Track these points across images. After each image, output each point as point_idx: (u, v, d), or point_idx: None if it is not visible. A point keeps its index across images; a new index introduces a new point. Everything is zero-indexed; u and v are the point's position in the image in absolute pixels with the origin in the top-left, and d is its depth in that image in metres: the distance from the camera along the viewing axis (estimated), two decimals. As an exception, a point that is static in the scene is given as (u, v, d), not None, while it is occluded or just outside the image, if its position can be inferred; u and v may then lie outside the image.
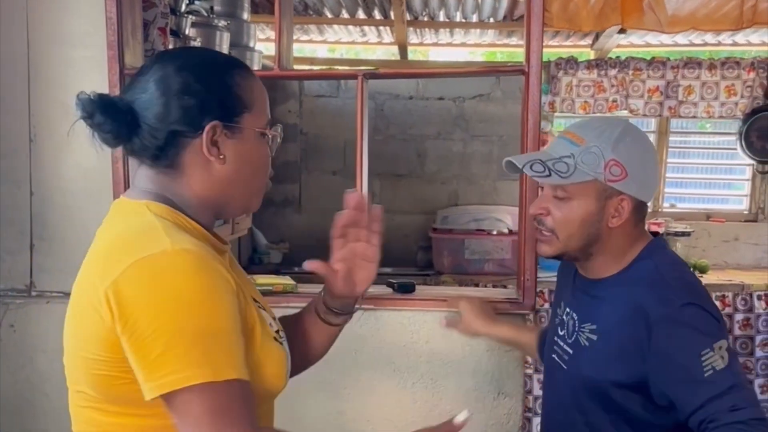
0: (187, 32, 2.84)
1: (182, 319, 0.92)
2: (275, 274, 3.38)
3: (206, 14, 3.15)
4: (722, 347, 1.23)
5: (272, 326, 1.12)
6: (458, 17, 4.41)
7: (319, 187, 4.65)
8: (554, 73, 4.16)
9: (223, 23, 3.12)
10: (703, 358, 1.21)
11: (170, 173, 1.07)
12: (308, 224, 4.53)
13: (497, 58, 7.00)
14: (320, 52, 5.70)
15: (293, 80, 4.43)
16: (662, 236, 1.51)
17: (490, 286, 3.83)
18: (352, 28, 4.67)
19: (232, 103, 1.07)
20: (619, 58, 4.18)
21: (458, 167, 4.65)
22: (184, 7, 2.88)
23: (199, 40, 2.93)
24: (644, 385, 1.30)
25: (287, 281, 2.49)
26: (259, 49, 3.59)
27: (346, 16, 4.43)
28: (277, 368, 1.08)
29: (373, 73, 2.53)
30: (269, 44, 4.27)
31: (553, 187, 1.39)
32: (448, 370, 2.43)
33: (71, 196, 2.40)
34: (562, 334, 1.49)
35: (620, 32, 4.07)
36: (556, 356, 1.50)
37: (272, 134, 1.14)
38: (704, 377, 1.21)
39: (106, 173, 2.35)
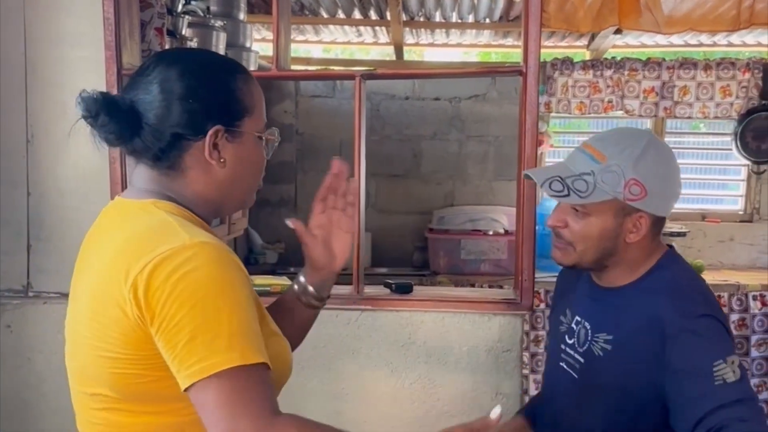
0: (183, 32, 2.84)
1: (209, 307, 0.94)
2: (271, 274, 3.39)
3: (203, 14, 3.15)
4: (734, 362, 1.22)
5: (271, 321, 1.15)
6: (454, 18, 4.42)
7: (315, 187, 4.46)
8: (550, 73, 4.16)
9: (219, 23, 3.12)
10: (715, 368, 1.20)
11: (171, 174, 1.09)
12: (304, 224, 4.50)
13: (492, 58, 7.01)
14: (315, 52, 5.70)
15: (290, 81, 4.43)
16: (674, 248, 1.51)
17: (486, 286, 3.84)
18: (348, 28, 4.68)
19: (234, 107, 1.09)
20: (614, 58, 4.19)
21: (454, 167, 4.66)
22: (180, 7, 2.87)
23: (195, 40, 2.94)
24: (659, 394, 1.29)
25: (284, 281, 2.48)
26: (255, 49, 3.59)
27: (342, 16, 4.43)
28: (283, 361, 1.10)
29: (370, 73, 2.53)
30: (265, 44, 4.27)
31: None
32: (445, 370, 2.43)
33: (68, 196, 2.40)
34: (571, 342, 1.47)
35: (616, 33, 4.07)
36: (565, 365, 1.48)
37: (271, 138, 1.16)
38: (714, 386, 1.19)
39: (103, 174, 2.35)
